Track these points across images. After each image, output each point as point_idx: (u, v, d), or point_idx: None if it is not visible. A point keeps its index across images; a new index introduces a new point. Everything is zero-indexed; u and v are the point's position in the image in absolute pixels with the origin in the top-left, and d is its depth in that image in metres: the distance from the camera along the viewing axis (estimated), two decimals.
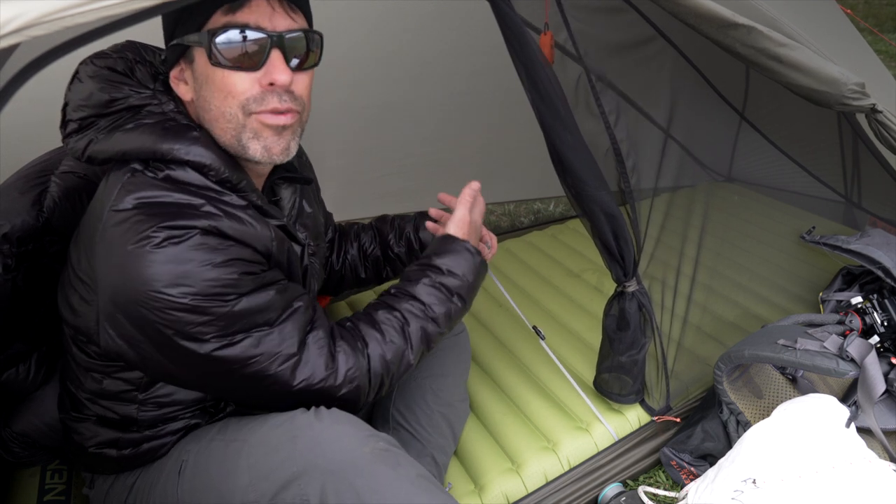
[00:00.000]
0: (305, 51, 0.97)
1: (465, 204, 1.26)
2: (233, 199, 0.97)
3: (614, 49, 1.48)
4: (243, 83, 0.93)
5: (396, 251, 1.44)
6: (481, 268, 1.21)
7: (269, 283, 0.98)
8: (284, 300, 1.01)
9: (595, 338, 1.53)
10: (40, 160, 1.21)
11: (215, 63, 0.92)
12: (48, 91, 1.01)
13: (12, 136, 1.25)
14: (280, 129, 0.97)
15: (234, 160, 0.99)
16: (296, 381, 1.00)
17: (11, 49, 0.62)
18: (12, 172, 1.19)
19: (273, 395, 1.01)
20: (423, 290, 1.14)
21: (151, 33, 0.98)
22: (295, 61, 0.96)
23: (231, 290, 0.92)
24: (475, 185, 1.29)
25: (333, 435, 0.95)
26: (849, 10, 2.05)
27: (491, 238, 1.43)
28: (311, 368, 1.01)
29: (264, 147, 0.98)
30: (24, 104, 0.84)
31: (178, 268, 0.88)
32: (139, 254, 0.87)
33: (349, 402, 1.04)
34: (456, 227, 1.24)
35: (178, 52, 0.96)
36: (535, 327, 1.64)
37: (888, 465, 1.19)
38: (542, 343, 1.70)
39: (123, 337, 0.94)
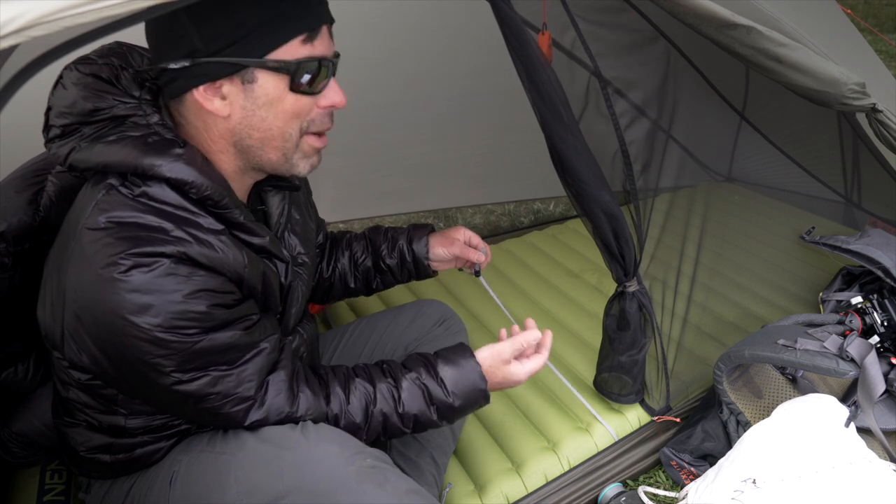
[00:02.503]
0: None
1: (514, 345, 1.15)
2: (208, 221, 0.96)
3: (617, 49, 1.48)
4: (308, 106, 0.98)
5: (388, 262, 1.42)
6: (478, 398, 1.12)
7: (237, 320, 0.97)
8: (250, 340, 0.99)
9: (595, 338, 1.53)
10: (37, 159, 1.21)
11: (297, 90, 0.95)
12: (48, 91, 1.01)
13: (12, 136, 1.24)
14: (320, 150, 1.05)
15: (220, 175, 0.98)
16: (248, 421, 1.00)
17: (11, 49, 0.62)
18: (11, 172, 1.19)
19: (228, 427, 1.02)
20: (406, 384, 1.09)
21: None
22: None
23: (196, 324, 0.91)
24: (537, 334, 1.17)
25: (320, 454, 0.95)
26: (849, 10, 2.05)
27: (486, 248, 1.42)
28: (266, 411, 1.01)
29: (311, 165, 1.05)
30: (24, 104, 0.84)
31: (143, 297, 0.87)
32: (107, 278, 0.86)
33: None
34: (487, 355, 1.14)
35: (225, 70, 0.92)
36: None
37: (888, 465, 1.19)
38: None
39: (86, 353, 0.94)
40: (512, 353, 1.15)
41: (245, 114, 0.96)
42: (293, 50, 0.92)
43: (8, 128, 1.09)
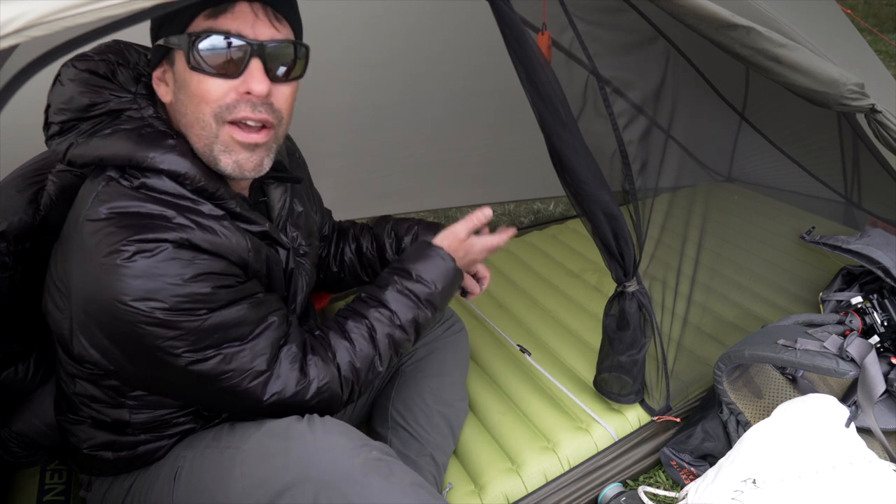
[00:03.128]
0: (290, 61, 0.96)
1: (467, 223, 1.23)
2: (208, 208, 0.96)
3: (616, 49, 1.48)
4: (219, 90, 0.91)
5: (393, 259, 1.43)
6: (454, 276, 1.19)
7: (243, 298, 0.98)
8: (258, 315, 1.00)
9: (595, 338, 1.53)
10: (37, 159, 1.21)
11: (193, 67, 0.90)
12: (48, 91, 1.01)
13: (12, 136, 1.24)
14: (252, 147, 0.96)
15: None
16: (266, 395, 1.00)
17: (11, 49, 0.63)
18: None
19: (246, 407, 1.02)
20: (391, 297, 1.13)
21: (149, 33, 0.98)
22: (281, 70, 0.95)
23: (202, 305, 0.91)
24: (488, 212, 1.25)
25: (326, 445, 0.95)
26: (849, 10, 2.05)
27: (484, 274, 1.39)
28: (283, 383, 1.02)
29: (235, 162, 0.96)
30: (24, 104, 0.84)
31: (148, 282, 0.87)
32: (110, 266, 0.87)
33: (322, 410, 1.05)
34: (443, 237, 1.22)
35: (161, 53, 0.95)
36: (520, 346, 1.65)
37: (888, 465, 1.19)
38: (530, 359, 1.70)
39: (95, 346, 0.94)
40: (467, 232, 1.23)
41: (174, 98, 0.96)
42: (195, 26, 0.90)
43: (8, 128, 1.09)
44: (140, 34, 0.93)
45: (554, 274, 2.14)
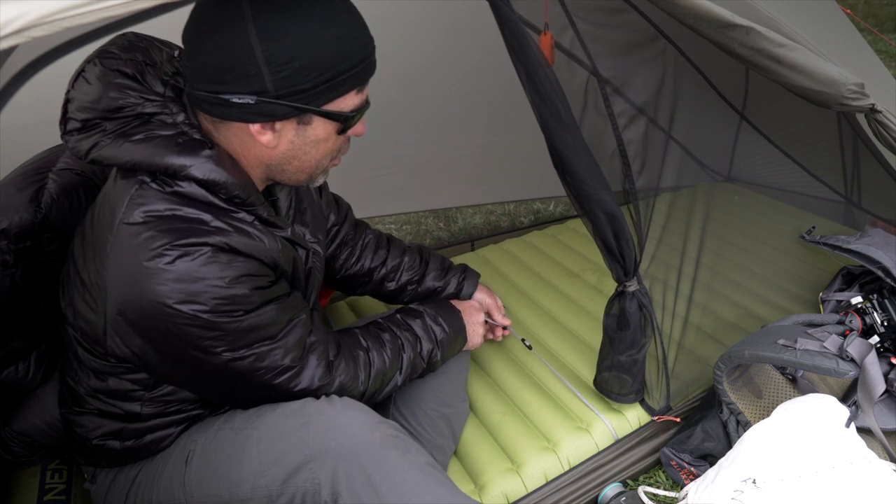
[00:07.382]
0: None
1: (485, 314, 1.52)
2: (239, 214, 0.99)
3: (617, 49, 1.48)
4: (343, 140, 1.05)
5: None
6: (461, 332, 1.42)
7: (274, 298, 1.01)
8: (287, 314, 1.04)
9: (595, 338, 1.53)
10: (38, 157, 1.21)
11: (341, 132, 1.01)
12: (48, 91, 1.01)
13: (12, 136, 1.25)
14: None
15: (246, 174, 1.01)
16: (296, 388, 1.06)
17: (11, 49, 0.62)
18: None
19: (274, 400, 1.06)
20: (419, 328, 1.31)
21: (150, 30, 0.98)
22: None
23: (240, 306, 0.94)
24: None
25: (345, 420, 0.99)
26: (849, 10, 2.05)
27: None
28: (310, 378, 1.06)
29: (325, 177, 1.12)
30: (24, 104, 0.84)
31: (190, 286, 0.89)
32: (152, 270, 0.88)
33: None
34: (464, 306, 1.47)
35: (288, 113, 0.95)
36: (522, 339, 1.65)
37: (888, 465, 1.19)
38: (535, 353, 1.70)
39: (130, 346, 0.96)
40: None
41: (291, 147, 1.00)
42: (348, 100, 0.98)
43: (8, 128, 1.09)
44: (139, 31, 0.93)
45: (554, 274, 2.14)
